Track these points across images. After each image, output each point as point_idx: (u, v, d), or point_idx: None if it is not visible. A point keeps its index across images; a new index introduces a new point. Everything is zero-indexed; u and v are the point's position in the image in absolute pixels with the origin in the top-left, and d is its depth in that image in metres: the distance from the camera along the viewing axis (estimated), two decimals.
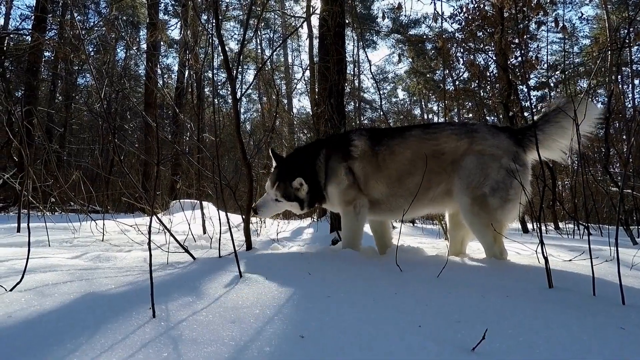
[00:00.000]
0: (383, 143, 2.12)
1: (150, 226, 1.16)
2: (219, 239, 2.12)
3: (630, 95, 13.78)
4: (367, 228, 2.36)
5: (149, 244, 1.13)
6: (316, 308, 1.07)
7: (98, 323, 0.90)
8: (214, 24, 2.71)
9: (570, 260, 2.10)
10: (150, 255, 1.11)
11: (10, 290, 1.16)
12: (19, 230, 3.64)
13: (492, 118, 11.57)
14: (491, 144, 1.94)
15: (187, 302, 1.10)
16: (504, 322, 0.96)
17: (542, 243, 1.37)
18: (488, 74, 8.42)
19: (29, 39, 9.79)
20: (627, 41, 5.76)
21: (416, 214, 2.32)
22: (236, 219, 4.99)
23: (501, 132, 2.02)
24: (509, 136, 1.98)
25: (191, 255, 1.87)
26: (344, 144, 2.17)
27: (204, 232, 3.76)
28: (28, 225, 1.26)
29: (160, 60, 14.37)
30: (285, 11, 13.21)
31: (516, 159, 1.90)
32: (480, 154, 1.92)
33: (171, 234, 1.89)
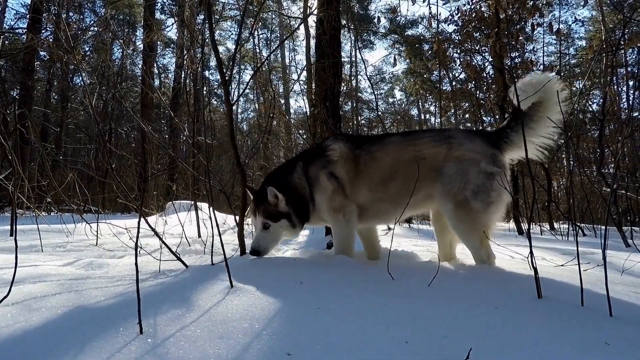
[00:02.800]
0: (364, 148, 2.14)
1: (137, 238, 1.16)
2: (212, 245, 2.11)
3: (624, 96, 13.87)
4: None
5: (135, 258, 1.13)
6: (305, 321, 1.08)
7: (84, 341, 0.89)
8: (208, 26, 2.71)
9: (562, 265, 2.11)
10: (137, 270, 1.11)
11: None
12: (12, 234, 3.61)
13: (489, 119, 11.62)
14: (468, 148, 1.98)
15: (176, 315, 1.10)
16: (491, 338, 0.97)
17: (531, 254, 1.38)
18: (484, 75, 8.45)
19: (24, 39, 9.72)
20: (621, 43, 5.79)
21: (404, 216, 2.35)
22: (232, 220, 4.98)
23: (476, 136, 2.08)
24: (485, 139, 2.03)
25: (183, 263, 1.86)
26: (320, 151, 2.18)
27: (199, 236, 3.74)
28: (15, 235, 1.25)
29: (157, 59, 14.30)
30: (282, 11, 13.19)
31: (494, 161, 1.95)
32: (458, 160, 1.96)
33: (163, 242, 1.88)
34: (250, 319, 1.08)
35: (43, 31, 10.04)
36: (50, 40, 9.19)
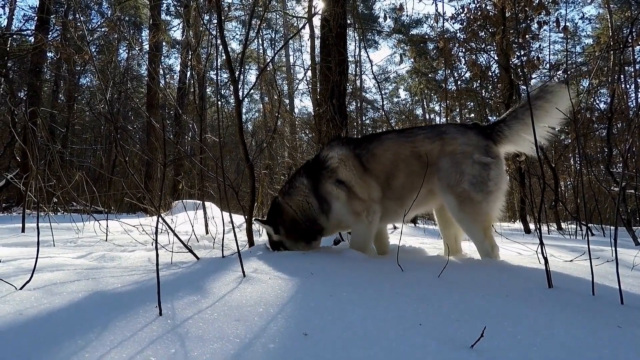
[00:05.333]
0: (363, 146, 2.18)
1: (157, 226, 1.19)
2: (222, 239, 2.14)
3: (633, 95, 13.74)
4: None
5: (155, 243, 1.15)
6: (319, 307, 1.09)
7: (107, 321, 0.92)
8: (216, 24, 2.74)
9: (571, 260, 2.11)
10: (157, 254, 1.14)
11: (20, 288, 1.19)
12: (23, 230, 3.68)
13: (494, 118, 11.56)
14: (461, 142, 2.02)
15: (192, 301, 1.13)
16: (503, 321, 0.98)
17: (541, 243, 1.39)
18: (490, 74, 8.42)
19: (32, 40, 9.87)
20: (629, 41, 5.75)
21: (407, 215, 2.37)
22: (238, 219, 5.02)
23: (469, 129, 2.11)
24: (477, 132, 2.07)
25: (195, 255, 1.89)
26: (321, 164, 2.22)
27: (207, 232, 3.78)
28: (37, 225, 1.29)
29: (162, 60, 14.42)
30: (287, 11, 13.24)
31: (487, 152, 1.99)
32: (452, 154, 2.01)
33: (175, 235, 1.91)
34: (265, 305, 1.10)
35: (51, 32, 10.18)
36: (58, 40, 9.31)
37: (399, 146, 2.12)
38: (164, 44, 13.58)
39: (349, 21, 5.57)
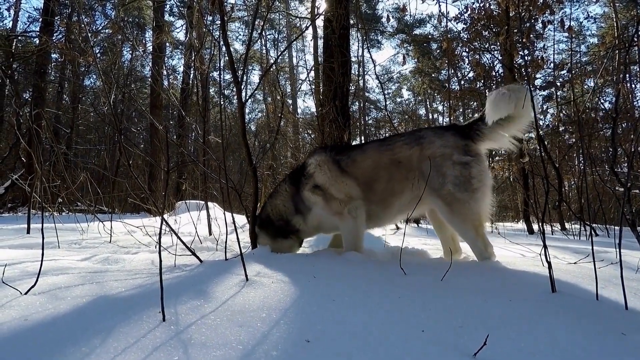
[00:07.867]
0: (344, 154, 2.25)
1: (160, 230, 1.19)
2: (225, 242, 2.15)
3: (638, 94, 13.60)
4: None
5: (159, 247, 1.16)
6: (321, 312, 1.10)
7: (110, 326, 0.93)
8: (219, 25, 2.75)
9: (575, 262, 2.10)
10: (160, 259, 1.14)
11: (25, 293, 1.20)
12: (28, 231, 3.71)
13: None
14: (439, 145, 2.05)
15: (196, 306, 1.13)
16: (506, 328, 0.98)
17: (545, 247, 1.38)
18: (493, 74, 8.39)
19: (37, 42, 9.95)
20: (635, 40, 5.71)
21: (395, 220, 2.41)
22: (241, 219, 5.04)
23: (446, 131, 2.13)
24: (454, 133, 2.09)
25: (198, 258, 1.90)
26: (301, 170, 2.32)
27: (210, 234, 3.80)
28: (42, 230, 1.30)
29: (165, 61, 14.48)
30: (290, 12, 13.24)
31: (467, 152, 2.01)
32: (432, 157, 2.03)
33: (179, 238, 1.92)
34: (268, 309, 1.10)
35: (55, 34, 10.25)
36: (63, 42, 9.37)
37: (379, 154, 2.17)
38: (167, 45, 13.64)
39: (352, 22, 5.57)
